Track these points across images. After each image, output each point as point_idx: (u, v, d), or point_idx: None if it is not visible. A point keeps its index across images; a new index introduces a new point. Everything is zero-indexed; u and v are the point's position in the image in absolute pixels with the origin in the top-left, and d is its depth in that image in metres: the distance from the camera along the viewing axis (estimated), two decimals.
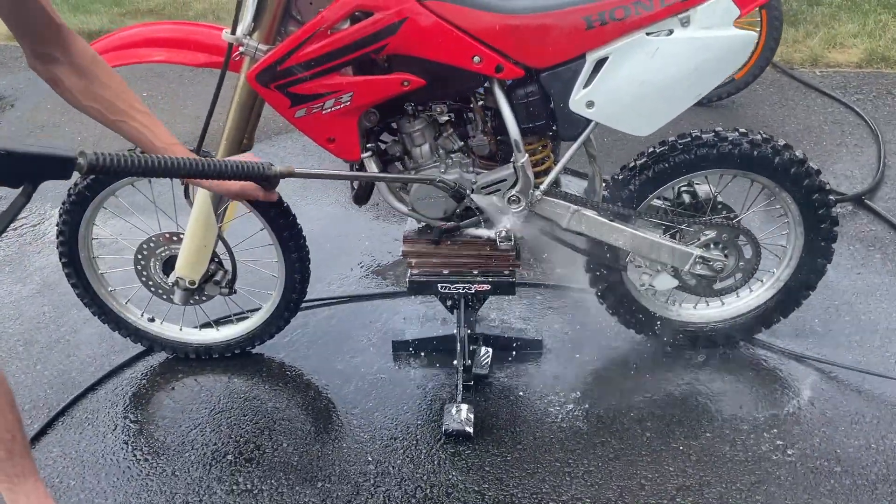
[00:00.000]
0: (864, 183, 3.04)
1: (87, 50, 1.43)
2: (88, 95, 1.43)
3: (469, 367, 2.11)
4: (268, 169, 1.42)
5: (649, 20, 1.76)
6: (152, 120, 1.50)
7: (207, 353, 2.32)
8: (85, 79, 1.42)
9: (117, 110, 1.45)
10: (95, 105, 1.44)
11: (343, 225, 2.98)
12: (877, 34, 4.29)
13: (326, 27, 1.71)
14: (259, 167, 1.41)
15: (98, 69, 1.43)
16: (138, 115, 1.47)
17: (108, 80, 1.44)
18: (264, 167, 1.42)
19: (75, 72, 1.41)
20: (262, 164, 1.42)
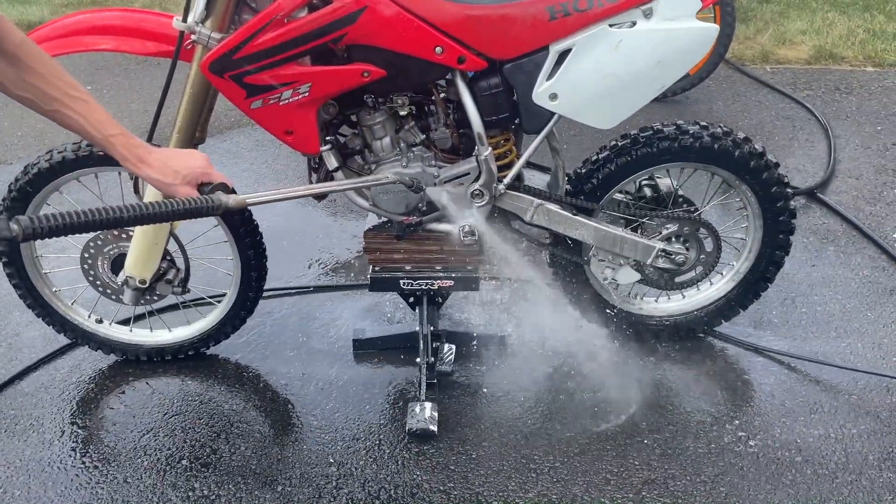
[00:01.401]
0: (815, 177, 3.10)
1: (13, 34, 1.31)
2: (18, 84, 1.31)
3: (432, 365, 2.08)
4: (216, 203, 1.33)
5: (612, 12, 1.75)
6: (89, 107, 1.36)
7: (159, 354, 2.23)
8: (13, 66, 1.30)
9: (50, 98, 1.33)
10: (27, 94, 1.32)
11: (301, 221, 2.91)
12: (824, 31, 4.39)
13: (283, 15, 1.65)
14: (208, 203, 1.32)
15: (26, 55, 1.30)
16: (74, 102, 1.34)
17: (38, 66, 1.31)
18: (213, 203, 1.33)
19: (2, 58, 1.29)
20: (210, 199, 1.33)
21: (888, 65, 4.06)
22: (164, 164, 1.40)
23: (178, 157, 1.43)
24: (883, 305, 2.40)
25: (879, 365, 2.17)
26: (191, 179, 1.41)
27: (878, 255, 2.62)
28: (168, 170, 1.40)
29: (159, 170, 1.40)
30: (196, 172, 1.42)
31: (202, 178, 1.43)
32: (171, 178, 1.40)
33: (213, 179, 1.44)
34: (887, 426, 1.98)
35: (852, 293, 2.46)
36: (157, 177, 1.40)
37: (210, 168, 1.45)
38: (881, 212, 2.87)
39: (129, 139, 1.40)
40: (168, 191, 1.41)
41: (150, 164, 1.39)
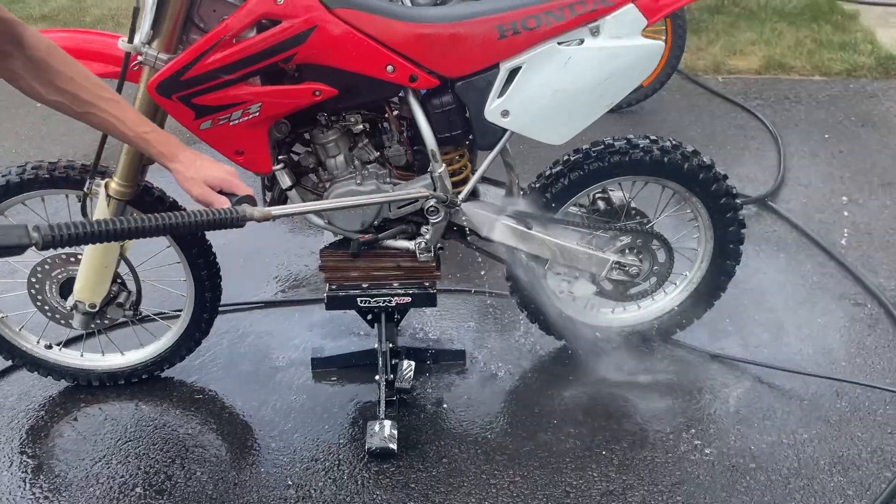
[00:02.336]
0: (766, 185, 3.17)
1: (41, 41, 1.34)
2: (51, 89, 1.35)
3: (391, 382, 2.07)
4: (241, 214, 1.33)
5: (560, 30, 1.77)
6: (121, 107, 1.41)
7: (112, 379, 2.19)
8: (44, 72, 1.33)
9: (83, 102, 1.37)
10: (59, 98, 1.36)
11: (255, 239, 2.88)
12: (773, 42, 4.49)
13: (231, 35, 1.64)
14: (233, 214, 1.32)
15: (56, 60, 1.34)
16: (106, 104, 1.39)
17: (68, 70, 1.35)
18: (238, 214, 1.33)
19: (32, 66, 1.33)
20: (235, 211, 1.33)
21: (835, 74, 4.17)
22: (191, 162, 1.44)
23: (205, 161, 1.46)
24: (832, 311, 2.46)
25: (830, 369, 2.22)
26: (209, 181, 1.43)
27: (827, 262, 2.69)
28: (192, 167, 1.43)
29: (186, 165, 1.44)
30: (217, 176, 1.44)
31: (223, 185, 1.44)
32: (192, 173, 1.43)
33: (238, 190, 1.45)
34: (837, 430, 2.02)
35: (803, 299, 2.51)
36: (181, 169, 1.43)
37: (235, 178, 1.47)
38: (829, 219, 2.94)
39: (161, 135, 1.46)
40: (185, 184, 1.44)
41: (181, 160, 1.44)
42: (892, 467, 1.90)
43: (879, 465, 1.91)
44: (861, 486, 1.86)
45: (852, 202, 3.04)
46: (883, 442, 1.98)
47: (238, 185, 1.45)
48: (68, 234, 1.11)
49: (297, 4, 1.66)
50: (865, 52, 4.29)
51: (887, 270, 2.63)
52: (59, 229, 1.10)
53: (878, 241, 2.79)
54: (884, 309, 2.44)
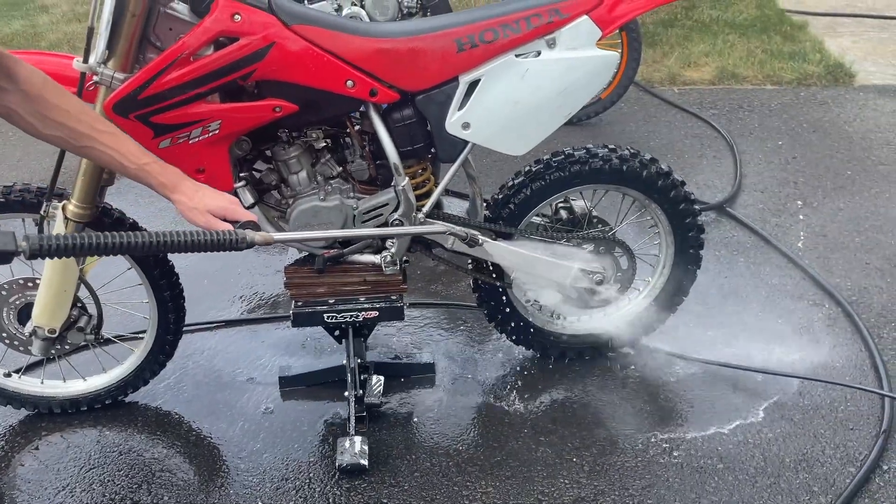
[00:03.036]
0: (724, 192, 3.23)
1: (35, 75, 1.32)
2: (47, 124, 1.33)
3: (361, 398, 2.06)
4: (243, 237, 1.34)
5: (517, 42, 1.80)
6: (118, 140, 1.41)
7: (74, 406, 2.14)
8: (39, 106, 1.31)
9: (80, 135, 1.36)
10: (57, 133, 1.34)
11: (218, 259, 2.85)
12: (726, 53, 4.61)
13: (189, 53, 1.63)
14: (235, 237, 1.33)
15: (51, 94, 1.33)
16: (103, 137, 1.38)
17: (63, 103, 1.33)
18: (240, 237, 1.34)
19: (27, 100, 1.31)
20: (237, 233, 1.34)
21: (786, 83, 4.29)
22: (194, 192, 1.45)
23: (207, 190, 1.48)
24: (792, 312, 2.51)
25: (792, 368, 2.26)
26: (213, 210, 1.44)
27: (785, 265, 2.75)
28: (195, 197, 1.44)
29: (188, 195, 1.44)
30: (220, 205, 1.45)
31: (226, 213, 1.45)
32: (195, 203, 1.44)
33: (240, 217, 1.47)
34: (801, 428, 2.06)
35: (763, 301, 2.57)
36: (184, 199, 1.44)
37: (237, 206, 1.48)
38: (786, 223, 3.01)
39: (161, 166, 1.46)
40: (189, 214, 1.45)
41: (183, 191, 1.45)
42: (856, 463, 1.95)
43: (843, 461, 1.95)
44: (826, 482, 1.90)
45: (807, 206, 3.12)
46: (845, 438, 2.02)
47: (241, 213, 1.47)
48: (58, 245, 1.09)
49: (255, 21, 1.66)
50: (814, 61, 4.42)
51: (843, 271, 2.70)
52: (50, 240, 1.08)
53: (833, 242, 2.87)
54: (841, 308, 2.50)
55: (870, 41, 4.84)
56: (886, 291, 2.57)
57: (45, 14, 5.86)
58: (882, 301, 2.53)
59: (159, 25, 1.69)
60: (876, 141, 3.61)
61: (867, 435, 2.03)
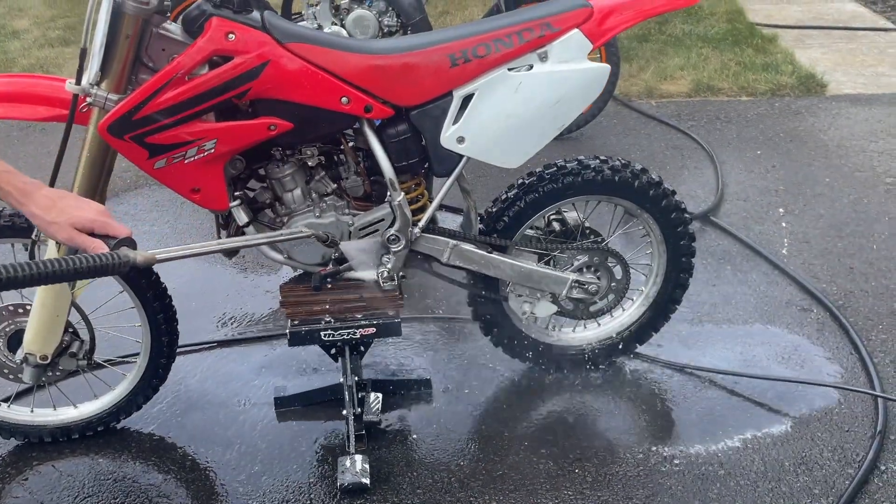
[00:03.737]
0: (707, 202, 3.28)
1: None
2: None
3: (359, 416, 2.04)
4: (122, 260, 1.21)
5: (510, 56, 1.82)
6: None
7: (65, 434, 2.09)
8: None
9: None
10: None
11: (210, 280, 2.83)
12: (701, 66, 4.69)
13: (184, 73, 1.62)
14: (112, 260, 1.20)
15: None
16: None
17: None
18: (117, 259, 1.21)
19: None
20: (114, 255, 1.21)
21: (760, 94, 4.38)
22: (51, 203, 1.27)
23: (70, 199, 1.30)
24: (781, 317, 2.54)
25: (785, 373, 2.29)
26: (77, 223, 1.27)
27: (771, 271, 2.79)
28: (54, 209, 1.27)
29: (43, 207, 1.27)
30: (86, 217, 1.27)
31: (94, 226, 1.28)
32: (53, 216, 1.26)
33: (112, 231, 1.29)
34: (798, 432, 2.08)
35: (752, 308, 2.60)
36: (38, 213, 1.27)
37: (107, 218, 1.30)
38: (769, 230, 3.06)
39: (13, 176, 1.28)
40: (48, 230, 1.28)
41: (36, 200, 1.27)
42: (854, 464, 1.97)
43: (842, 463, 1.97)
44: (826, 485, 1.92)
45: (789, 213, 3.17)
46: (842, 440, 2.04)
47: (114, 226, 1.29)
48: None
49: (249, 40, 1.66)
50: (787, 72, 4.52)
51: (828, 276, 2.74)
52: None
53: (816, 248, 2.91)
54: (829, 312, 2.54)
55: (839, 52, 4.97)
56: (872, 294, 2.62)
57: (17, 40, 5.80)
58: (868, 304, 2.57)
59: (152, 46, 1.68)
60: (851, 149, 3.69)
61: (863, 436, 2.05)
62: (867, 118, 4.02)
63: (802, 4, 5.97)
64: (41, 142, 4.09)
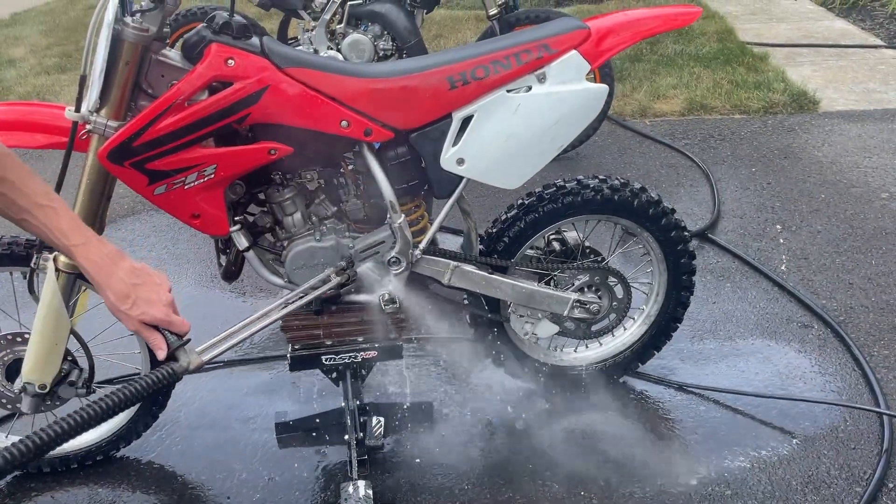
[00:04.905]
0: (704, 219, 3.29)
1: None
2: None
3: (362, 441, 2.02)
4: (178, 373, 1.28)
5: (508, 78, 1.82)
6: (55, 215, 1.25)
7: (64, 464, 2.07)
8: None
9: (19, 209, 1.23)
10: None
11: (207, 306, 2.81)
12: (693, 85, 4.73)
13: (184, 99, 1.62)
14: (168, 375, 1.25)
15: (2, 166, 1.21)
16: (40, 211, 1.24)
17: (9, 174, 1.21)
18: (174, 373, 1.26)
19: None
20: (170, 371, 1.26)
21: (753, 111, 4.41)
22: (126, 292, 1.28)
23: (145, 290, 1.30)
24: (782, 334, 2.54)
25: (789, 391, 2.28)
26: (147, 320, 1.30)
27: (770, 288, 2.79)
28: (128, 300, 1.28)
29: (119, 296, 1.28)
30: (155, 317, 1.30)
31: (160, 323, 1.31)
32: (125, 308, 1.28)
33: (174, 328, 1.32)
34: (803, 450, 2.07)
35: (753, 325, 2.59)
36: (113, 301, 1.28)
37: (172, 316, 1.32)
38: (767, 247, 3.06)
39: (90, 249, 1.27)
40: (117, 316, 1.30)
41: (112, 286, 1.28)
42: (862, 482, 1.95)
43: (849, 481, 1.96)
44: (834, 503, 1.90)
45: (786, 230, 3.18)
46: (849, 458, 2.03)
47: (177, 324, 1.33)
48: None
49: (249, 65, 1.66)
50: (779, 90, 4.55)
51: (827, 292, 2.74)
52: None
53: (814, 264, 2.92)
54: (830, 329, 2.53)
55: (829, 69, 5.01)
56: (872, 310, 2.62)
57: (13, 68, 5.81)
58: (869, 320, 2.57)
59: (152, 73, 1.68)
60: (845, 164, 3.71)
61: (870, 453, 2.04)
62: (860, 134, 4.05)
63: (792, 23, 6.03)
64: (38, 168, 4.08)
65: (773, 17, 6.26)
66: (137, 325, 1.30)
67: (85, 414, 1.14)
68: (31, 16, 7.47)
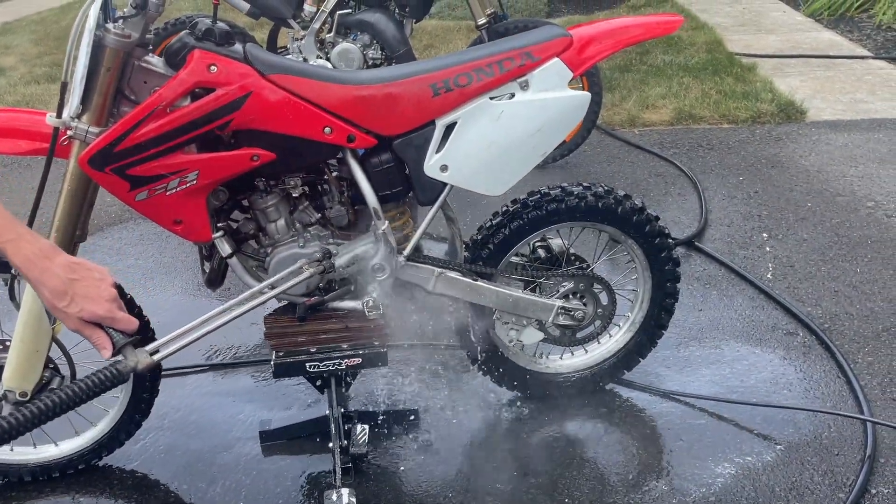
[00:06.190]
0: (691, 227, 3.30)
1: None
2: None
3: (346, 448, 2.01)
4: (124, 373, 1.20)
5: (491, 85, 1.83)
6: None
7: (45, 473, 2.05)
8: None
9: None
10: None
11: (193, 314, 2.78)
12: (682, 95, 4.75)
13: (166, 105, 1.63)
14: (113, 375, 1.18)
15: None
16: None
17: None
18: (119, 374, 1.19)
19: None
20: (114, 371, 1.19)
21: (741, 121, 4.43)
22: (63, 289, 1.18)
23: (83, 284, 1.21)
24: (767, 342, 2.55)
25: (773, 398, 2.28)
26: (87, 317, 1.20)
27: (756, 296, 2.80)
28: (66, 297, 1.19)
29: (55, 293, 1.19)
30: (96, 313, 1.20)
31: (103, 321, 1.22)
32: (63, 305, 1.19)
33: (119, 326, 1.22)
34: (787, 456, 2.07)
35: (739, 332, 2.60)
36: (49, 298, 1.19)
37: (116, 312, 1.22)
38: (753, 255, 3.07)
39: (21, 245, 1.17)
40: (56, 315, 1.21)
41: (47, 282, 1.18)
42: (845, 489, 1.95)
43: (832, 488, 1.96)
44: None
45: (772, 238, 3.19)
46: (832, 464, 2.03)
47: (121, 321, 1.23)
48: None
49: (231, 72, 1.67)
50: (767, 100, 4.58)
51: (813, 299, 2.75)
52: None
53: (800, 272, 2.93)
54: (815, 336, 2.54)
55: (817, 79, 5.05)
56: (857, 317, 2.63)
57: (3, 77, 5.80)
58: (854, 327, 2.58)
59: (134, 79, 1.69)
60: (832, 173, 3.73)
61: (852, 460, 2.04)
62: (846, 143, 4.07)
63: (780, 34, 6.08)
64: (24, 177, 4.07)
65: (762, 28, 6.30)
66: (77, 324, 1.21)
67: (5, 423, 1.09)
68: (23, 25, 7.47)
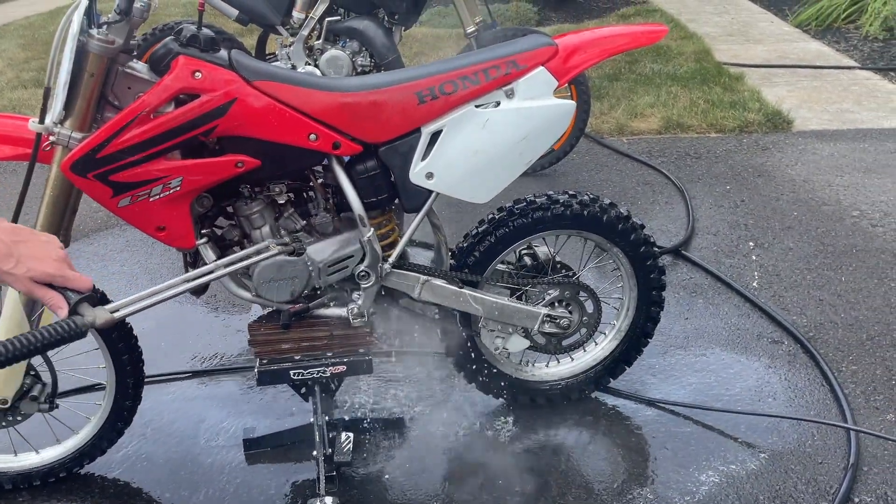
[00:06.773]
0: (678, 236, 3.31)
1: None
2: None
3: (330, 456, 2.00)
4: (79, 327, 1.14)
5: (476, 93, 1.84)
6: None
7: (26, 481, 2.03)
8: None
9: None
10: None
11: (178, 320, 2.78)
12: (670, 104, 4.78)
13: (149, 111, 1.62)
14: (69, 329, 1.13)
15: None
16: None
17: None
18: (76, 328, 1.14)
19: None
20: (72, 324, 1.14)
21: (729, 130, 4.46)
22: (7, 250, 1.11)
23: (28, 246, 1.15)
24: (752, 350, 2.55)
25: (758, 406, 2.29)
26: (36, 276, 1.13)
27: (742, 304, 2.81)
28: (11, 258, 1.11)
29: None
30: (44, 271, 1.14)
31: (53, 280, 1.15)
32: (9, 267, 1.12)
33: (72, 285, 1.16)
34: (771, 464, 2.07)
35: (724, 341, 2.61)
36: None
37: (66, 270, 1.16)
38: (739, 263, 3.09)
39: None
40: (5, 280, 1.14)
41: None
42: (828, 497, 1.96)
43: (816, 496, 1.97)
44: None
45: (759, 247, 3.21)
46: (816, 473, 2.04)
47: (74, 280, 1.16)
48: None
49: (216, 78, 1.66)
50: (754, 110, 4.61)
51: (798, 308, 2.76)
52: None
53: (786, 281, 2.94)
54: (800, 345, 2.55)
55: (804, 90, 5.09)
56: (841, 326, 2.64)
57: None
58: (838, 336, 2.59)
59: (118, 84, 1.68)
60: (818, 183, 3.76)
61: (836, 468, 2.05)
62: (832, 153, 4.10)
63: (768, 44, 6.13)
64: (10, 182, 4.05)
65: (749, 38, 6.35)
66: (28, 285, 1.13)
67: None
68: (10, 30, 7.44)
